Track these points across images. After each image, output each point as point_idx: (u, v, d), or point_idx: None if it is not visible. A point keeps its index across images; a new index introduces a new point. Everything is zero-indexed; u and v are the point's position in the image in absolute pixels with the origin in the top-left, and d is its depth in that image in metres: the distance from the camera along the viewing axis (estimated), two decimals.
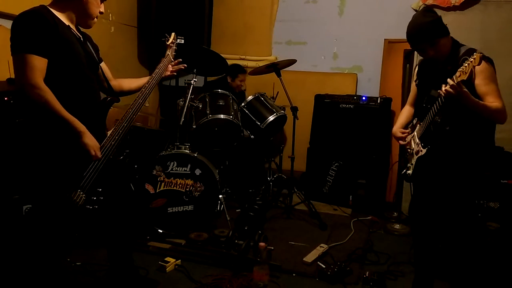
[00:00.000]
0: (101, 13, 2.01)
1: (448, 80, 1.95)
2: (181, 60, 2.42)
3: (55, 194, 1.81)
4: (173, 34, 2.42)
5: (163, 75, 2.30)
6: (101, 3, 1.99)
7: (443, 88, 1.97)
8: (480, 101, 2.03)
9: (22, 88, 1.74)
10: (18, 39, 1.75)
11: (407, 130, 2.45)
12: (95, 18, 1.99)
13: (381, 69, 4.41)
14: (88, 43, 2.05)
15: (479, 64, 1.88)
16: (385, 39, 4.34)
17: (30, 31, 1.74)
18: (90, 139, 1.82)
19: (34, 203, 1.93)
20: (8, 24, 2.96)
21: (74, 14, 1.93)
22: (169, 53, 2.33)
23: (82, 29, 2.06)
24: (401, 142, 2.45)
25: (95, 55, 2.06)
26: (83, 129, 1.81)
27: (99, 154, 1.85)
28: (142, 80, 2.23)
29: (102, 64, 2.14)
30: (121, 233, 2.24)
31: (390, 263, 2.94)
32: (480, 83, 2.06)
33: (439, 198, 2.25)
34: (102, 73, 2.13)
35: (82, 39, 1.99)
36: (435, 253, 2.38)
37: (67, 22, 1.90)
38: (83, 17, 1.96)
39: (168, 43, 2.38)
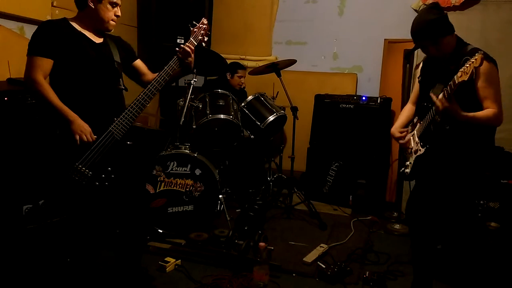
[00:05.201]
0: (117, 16, 2.17)
1: (436, 101, 1.99)
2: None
3: (57, 169, 2.02)
4: (203, 19, 2.39)
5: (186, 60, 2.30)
6: (112, 8, 2.15)
7: (434, 99, 2.00)
8: (470, 114, 2.03)
9: (25, 82, 2.04)
10: (30, 44, 2.04)
11: (406, 129, 2.43)
12: (111, 21, 2.17)
13: (381, 69, 4.41)
14: (112, 46, 2.24)
15: (480, 65, 1.88)
16: (385, 39, 4.34)
17: (38, 37, 2.04)
18: (78, 126, 2.00)
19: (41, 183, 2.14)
20: (8, 24, 2.96)
21: (90, 22, 2.15)
22: (192, 38, 2.33)
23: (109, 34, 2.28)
24: (400, 141, 2.44)
25: (115, 56, 2.22)
26: (72, 117, 2.00)
27: (85, 139, 2.01)
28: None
29: (137, 62, 2.39)
30: (131, 223, 2.28)
31: (390, 263, 2.94)
32: (481, 85, 2.05)
33: (437, 198, 2.24)
34: (136, 69, 2.39)
35: (101, 43, 2.19)
36: (433, 253, 2.37)
37: (82, 30, 2.14)
38: (98, 23, 2.15)
39: (192, 29, 2.37)
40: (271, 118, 3.76)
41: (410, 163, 2.33)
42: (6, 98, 2.40)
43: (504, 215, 2.91)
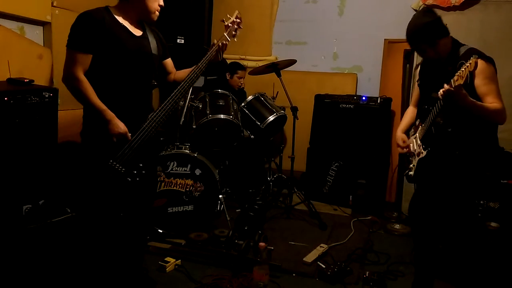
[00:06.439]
0: (161, 6, 2.16)
1: (444, 85, 1.95)
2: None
3: (93, 166, 2.06)
4: (236, 11, 2.44)
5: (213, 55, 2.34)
6: None
7: (441, 91, 1.97)
8: (478, 102, 2.02)
9: (63, 77, 2.01)
10: (69, 36, 2.01)
11: (408, 142, 2.43)
12: (156, 12, 2.16)
13: (381, 69, 4.41)
14: (151, 39, 2.20)
15: (474, 69, 1.88)
16: (385, 39, 4.34)
17: (77, 30, 2.00)
18: (115, 126, 2.02)
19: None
20: (8, 24, 2.95)
21: (134, 13, 2.11)
22: (226, 33, 2.35)
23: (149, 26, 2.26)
24: (399, 150, 2.44)
25: (153, 50, 2.20)
26: (109, 117, 2.01)
27: (121, 138, 2.03)
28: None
29: (168, 60, 2.39)
30: (135, 223, 2.29)
31: (390, 263, 2.94)
32: (480, 83, 2.06)
33: (440, 199, 2.24)
34: (164, 68, 2.38)
35: (141, 36, 2.15)
36: (435, 253, 2.37)
37: (123, 21, 2.09)
38: (144, 14, 2.13)
39: (226, 23, 2.40)
40: (271, 118, 3.76)
41: (414, 165, 2.33)
42: (6, 98, 2.40)
43: (504, 215, 2.91)
